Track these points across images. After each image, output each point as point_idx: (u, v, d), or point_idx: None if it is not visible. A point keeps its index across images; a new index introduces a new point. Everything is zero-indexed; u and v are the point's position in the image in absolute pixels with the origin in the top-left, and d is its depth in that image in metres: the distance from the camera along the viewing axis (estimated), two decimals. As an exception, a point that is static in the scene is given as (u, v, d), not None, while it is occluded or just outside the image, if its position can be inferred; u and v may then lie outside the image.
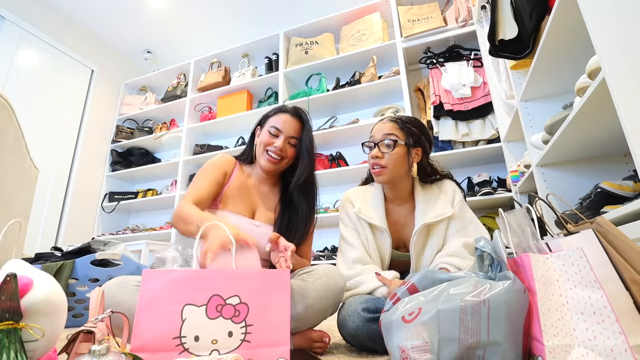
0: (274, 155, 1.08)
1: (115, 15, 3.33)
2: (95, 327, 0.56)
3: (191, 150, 3.29)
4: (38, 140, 2.91)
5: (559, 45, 1.18)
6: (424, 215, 1.06)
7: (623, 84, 0.78)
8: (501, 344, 0.59)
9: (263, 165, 1.11)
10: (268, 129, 1.11)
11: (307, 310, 0.89)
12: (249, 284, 0.66)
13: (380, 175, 1.06)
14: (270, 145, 1.08)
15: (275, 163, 1.09)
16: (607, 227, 0.63)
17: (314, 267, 0.99)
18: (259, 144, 1.12)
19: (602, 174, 1.32)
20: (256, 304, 0.65)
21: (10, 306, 0.51)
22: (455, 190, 1.12)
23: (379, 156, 1.05)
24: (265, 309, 0.66)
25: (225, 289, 0.64)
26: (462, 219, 1.07)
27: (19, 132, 1.02)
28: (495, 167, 2.47)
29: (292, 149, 1.11)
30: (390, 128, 1.07)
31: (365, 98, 2.81)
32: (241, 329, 0.63)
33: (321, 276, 0.93)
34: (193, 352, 0.59)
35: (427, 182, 1.16)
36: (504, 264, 0.68)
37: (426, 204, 1.08)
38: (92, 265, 1.77)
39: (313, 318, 0.92)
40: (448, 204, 1.07)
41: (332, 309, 0.95)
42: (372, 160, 1.06)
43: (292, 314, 0.86)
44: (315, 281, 0.92)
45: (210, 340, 0.61)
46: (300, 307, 0.89)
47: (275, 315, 0.66)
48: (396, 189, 1.12)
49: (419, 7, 2.69)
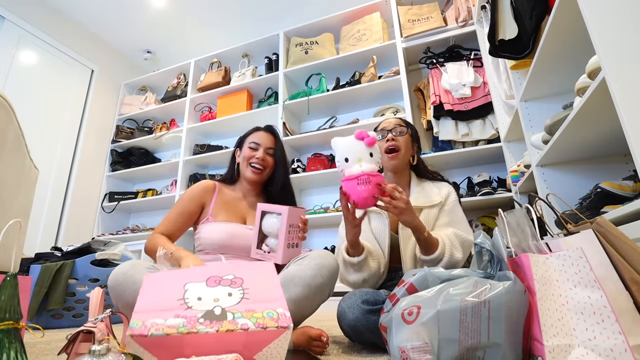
0: (257, 166, 1.25)
1: (115, 15, 3.33)
2: (95, 327, 0.56)
3: (191, 150, 3.29)
4: (38, 140, 2.91)
5: (559, 45, 1.18)
6: (416, 200, 1.14)
7: (623, 84, 0.78)
8: (501, 345, 0.59)
9: (249, 177, 1.26)
10: (248, 145, 1.28)
11: (305, 290, 0.94)
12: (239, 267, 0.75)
13: (395, 159, 1.18)
14: (253, 158, 1.25)
15: (258, 173, 1.25)
16: (607, 227, 0.63)
17: (307, 253, 1.05)
18: (242, 160, 1.29)
19: (602, 174, 1.32)
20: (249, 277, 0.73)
21: (10, 306, 0.51)
22: (450, 191, 1.18)
23: (394, 140, 1.18)
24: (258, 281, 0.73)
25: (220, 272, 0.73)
26: (454, 215, 1.13)
27: (19, 132, 1.02)
28: (495, 167, 2.46)
29: (270, 158, 1.28)
30: (398, 122, 1.24)
31: (365, 98, 2.81)
32: (239, 291, 0.68)
33: (314, 258, 1.01)
34: (196, 309, 0.61)
35: (425, 178, 1.25)
36: (503, 262, 0.68)
37: (420, 193, 1.18)
38: (92, 265, 1.77)
39: (311, 298, 0.96)
40: (439, 197, 1.15)
41: (328, 288, 1.00)
42: (387, 144, 1.18)
43: (292, 297, 0.93)
44: (309, 262, 0.99)
45: (213, 299, 0.65)
46: (298, 289, 0.94)
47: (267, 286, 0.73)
48: (398, 177, 1.22)
49: (419, 7, 2.69)
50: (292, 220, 1.03)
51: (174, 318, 0.58)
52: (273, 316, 0.65)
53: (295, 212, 1.04)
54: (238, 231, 1.18)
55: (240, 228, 1.19)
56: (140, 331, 0.54)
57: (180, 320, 0.58)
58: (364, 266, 1.06)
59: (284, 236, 1.00)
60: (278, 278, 0.77)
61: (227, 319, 0.61)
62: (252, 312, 0.64)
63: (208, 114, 3.34)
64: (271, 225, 1.05)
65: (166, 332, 0.55)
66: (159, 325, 0.56)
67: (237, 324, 0.60)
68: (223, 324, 0.59)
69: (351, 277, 1.08)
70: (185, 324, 0.57)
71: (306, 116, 3.06)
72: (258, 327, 0.61)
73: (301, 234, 1.06)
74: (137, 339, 0.53)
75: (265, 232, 1.08)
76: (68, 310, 1.69)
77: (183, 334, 0.56)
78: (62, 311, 1.68)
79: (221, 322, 0.59)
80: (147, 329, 0.55)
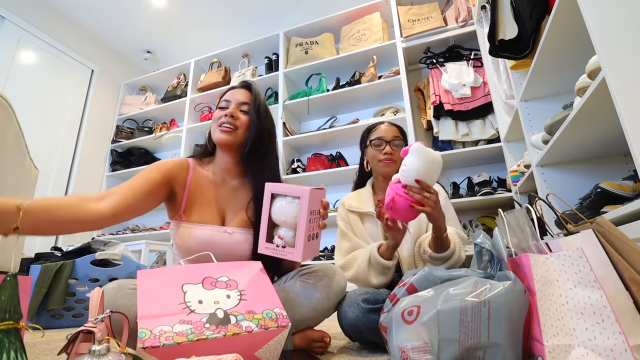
0: (226, 124, 0.98)
1: (115, 15, 3.33)
2: (95, 327, 0.56)
3: (191, 150, 3.29)
4: (38, 140, 2.91)
5: (559, 45, 1.18)
6: None
7: (623, 84, 0.78)
8: (501, 345, 0.59)
9: (218, 138, 0.99)
10: (219, 106, 1.03)
11: (310, 312, 0.91)
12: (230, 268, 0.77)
13: (390, 167, 1.22)
14: (222, 117, 0.99)
15: (228, 132, 0.98)
16: (607, 227, 0.63)
17: (314, 267, 0.99)
18: (212, 123, 1.03)
19: (602, 174, 1.32)
20: (243, 280, 0.74)
21: (10, 306, 0.51)
22: (439, 190, 1.19)
23: (392, 153, 1.22)
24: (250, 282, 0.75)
25: (213, 272, 0.74)
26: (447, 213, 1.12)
27: (19, 132, 1.02)
28: (495, 167, 2.46)
29: (244, 116, 1.01)
30: (395, 132, 1.26)
31: (365, 98, 2.81)
32: (236, 294, 0.70)
33: (322, 277, 0.94)
34: (199, 312, 0.63)
35: None
36: (503, 262, 0.68)
37: None
38: (92, 265, 1.77)
39: (315, 318, 0.94)
40: None
41: (334, 308, 0.97)
42: (384, 157, 1.22)
43: (295, 316, 0.88)
44: (317, 282, 0.93)
45: (213, 302, 0.67)
46: (303, 309, 0.90)
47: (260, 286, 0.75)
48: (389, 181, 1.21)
49: (419, 7, 2.69)
50: (313, 205, 0.79)
51: (180, 324, 0.60)
52: (272, 316, 0.68)
53: (316, 194, 0.80)
54: (214, 238, 0.95)
55: (217, 233, 0.96)
56: (152, 342, 0.55)
57: (186, 326, 0.60)
58: (391, 269, 1.06)
59: (305, 226, 0.76)
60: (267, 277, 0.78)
61: (231, 322, 0.63)
62: (252, 313, 0.67)
63: (208, 114, 3.34)
64: (284, 212, 0.80)
65: (177, 341, 0.57)
66: (167, 333, 0.58)
67: (242, 327, 0.63)
68: (229, 327, 0.62)
69: (374, 280, 1.06)
70: (193, 331, 0.59)
71: (306, 116, 3.06)
72: (260, 328, 0.64)
73: (322, 222, 0.85)
74: (149, 351, 0.55)
75: (275, 221, 0.83)
76: (68, 310, 1.69)
77: (193, 342, 0.57)
78: (62, 311, 1.68)
79: (227, 327, 0.62)
80: (157, 338, 0.56)
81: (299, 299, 0.90)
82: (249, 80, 1.10)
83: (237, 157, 1.03)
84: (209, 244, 0.94)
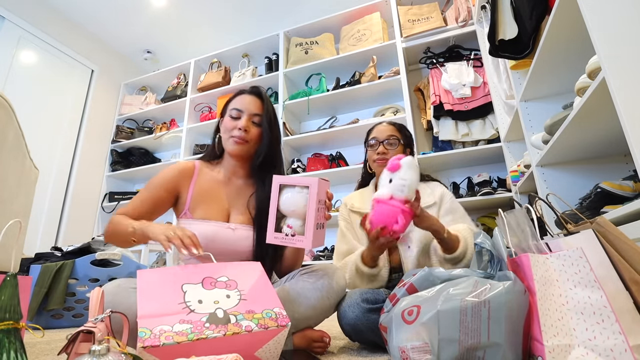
0: (239, 138, 1.02)
1: (115, 15, 3.32)
2: (95, 327, 0.56)
3: (191, 150, 3.29)
4: (38, 140, 2.90)
5: (559, 45, 1.18)
6: None
7: (623, 84, 0.78)
8: (501, 345, 0.59)
9: (231, 150, 1.04)
10: (229, 114, 1.06)
11: (310, 311, 0.91)
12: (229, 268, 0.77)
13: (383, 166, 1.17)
14: (235, 129, 1.03)
15: (241, 144, 1.03)
16: (607, 227, 0.63)
17: (314, 267, 0.99)
18: (223, 131, 1.07)
19: (602, 174, 1.32)
20: (241, 278, 0.75)
21: (10, 306, 0.51)
22: (444, 190, 1.19)
23: (385, 152, 1.20)
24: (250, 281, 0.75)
25: (213, 272, 0.74)
26: (456, 212, 1.14)
27: (19, 132, 1.02)
28: (495, 167, 2.46)
29: (256, 128, 1.05)
30: (391, 130, 1.24)
31: (365, 98, 2.81)
32: (236, 293, 0.71)
33: (322, 277, 0.95)
34: (199, 312, 0.64)
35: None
36: (503, 262, 0.68)
37: None
38: (92, 265, 1.77)
39: (315, 318, 0.94)
40: (433, 197, 1.16)
41: (334, 308, 0.97)
42: (377, 156, 1.21)
43: (295, 315, 0.88)
44: (316, 282, 0.93)
45: (213, 301, 0.67)
46: (303, 308, 0.90)
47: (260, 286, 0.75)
48: None
49: (419, 7, 2.68)
50: (321, 194, 0.84)
51: (179, 324, 0.60)
52: (272, 316, 0.68)
53: (323, 185, 0.85)
54: (217, 233, 0.99)
55: (221, 229, 1.00)
56: (152, 341, 0.55)
57: (186, 326, 0.60)
58: (378, 276, 1.06)
59: (314, 214, 0.81)
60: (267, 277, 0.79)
61: (231, 322, 0.63)
62: (252, 313, 0.67)
63: (208, 114, 3.34)
64: (293, 202, 0.84)
65: (177, 340, 0.57)
66: (167, 332, 0.58)
67: (242, 327, 0.63)
68: (229, 327, 0.62)
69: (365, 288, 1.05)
70: (192, 330, 0.59)
71: (306, 116, 3.06)
72: (260, 327, 0.64)
73: (327, 213, 0.89)
74: (149, 350, 0.55)
75: (284, 212, 0.86)
76: (68, 310, 1.69)
77: (193, 341, 0.58)
78: (62, 311, 1.68)
79: (226, 326, 0.62)
80: (157, 338, 0.56)
81: (299, 299, 0.91)
82: (259, 87, 1.12)
83: (247, 164, 1.09)
84: (213, 239, 0.98)
